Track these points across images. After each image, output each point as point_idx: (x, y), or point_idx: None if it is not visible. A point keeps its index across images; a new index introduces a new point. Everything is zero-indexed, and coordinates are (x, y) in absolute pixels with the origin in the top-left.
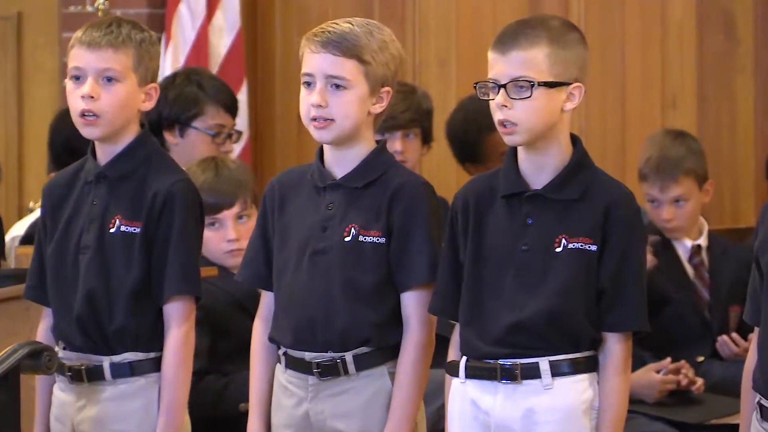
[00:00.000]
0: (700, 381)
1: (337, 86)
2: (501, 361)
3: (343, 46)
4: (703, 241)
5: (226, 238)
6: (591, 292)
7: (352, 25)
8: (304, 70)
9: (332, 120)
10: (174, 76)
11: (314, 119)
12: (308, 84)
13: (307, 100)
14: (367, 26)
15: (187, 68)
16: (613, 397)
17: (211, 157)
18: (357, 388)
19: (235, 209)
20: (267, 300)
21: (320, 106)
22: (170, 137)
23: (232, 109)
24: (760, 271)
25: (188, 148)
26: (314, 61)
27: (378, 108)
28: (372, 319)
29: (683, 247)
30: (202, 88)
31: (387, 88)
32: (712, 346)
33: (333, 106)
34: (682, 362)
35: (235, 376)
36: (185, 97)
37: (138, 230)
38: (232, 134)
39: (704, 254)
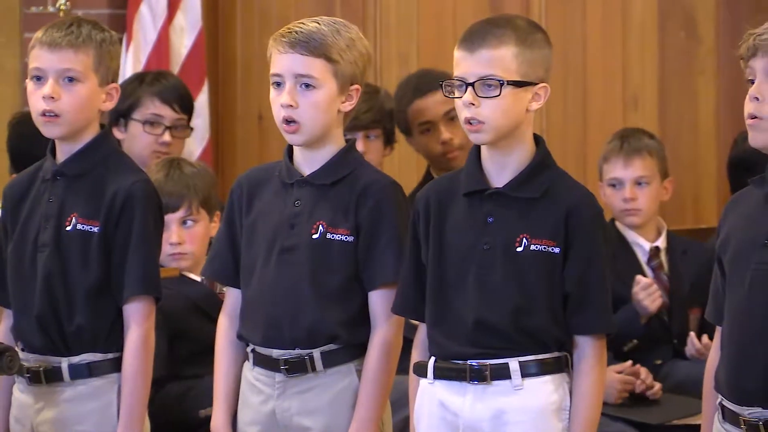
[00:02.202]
0: (657, 386)
1: (307, 86)
2: (470, 362)
3: (310, 45)
4: (661, 243)
5: (168, 241)
6: (555, 293)
7: (319, 24)
8: (272, 70)
9: (302, 122)
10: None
11: (286, 122)
12: (278, 84)
13: (278, 101)
14: (334, 25)
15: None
16: (585, 399)
17: (170, 159)
18: (324, 385)
19: (180, 213)
20: (233, 297)
21: (290, 106)
22: (117, 132)
23: (172, 101)
24: (722, 270)
25: (130, 141)
26: (283, 61)
27: (347, 106)
28: (340, 317)
29: (641, 249)
30: (143, 82)
31: (356, 86)
32: (671, 349)
33: (303, 106)
34: (637, 367)
35: (197, 383)
36: (125, 91)
37: (96, 229)
38: (173, 127)
39: (663, 256)
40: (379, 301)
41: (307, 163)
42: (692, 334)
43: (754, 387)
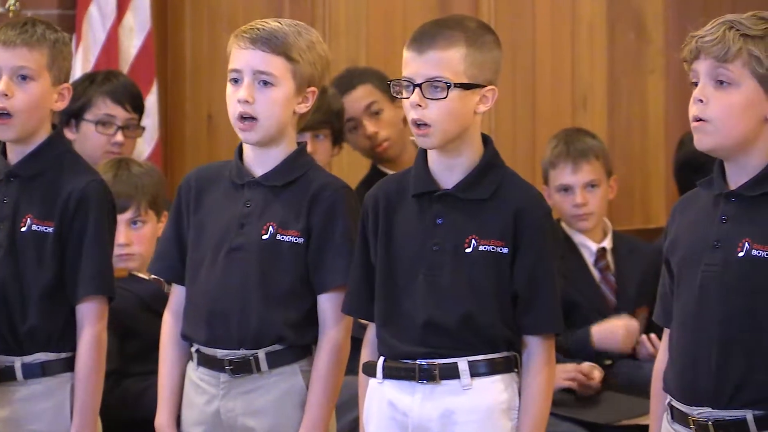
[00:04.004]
0: (595, 385)
1: (265, 83)
2: (419, 361)
3: (272, 43)
4: (607, 244)
5: (116, 242)
6: (504, 294)
7: (281, 24)
8: (231, 65)
9: (257, 119)
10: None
11: (241, 119)
12: (235, 80)
13: (234, 97)
14: (295, 26)
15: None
16: (534, 398)
17: (117, 159)
18: (268, 385)
19: (128, 214)
20: (178, 294)
21: (247, 101)
22: (68, 133)
23: (124, 100)
24: (671, 271)
25: (82, 142)
26: (242, 57)
27: (303, 108)
28: (287, 318)
29: (588, 251)
30: (93, 82)
31: (313, 89)
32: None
33: (259, 103)
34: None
35: (154, 381)
36: (76, 91)
37: (50, 230)
38: (125, 127)
39: (609, 257)
40: (329, 303)
41: (259, 163)
42: (644, 336)
43: (705, 387)
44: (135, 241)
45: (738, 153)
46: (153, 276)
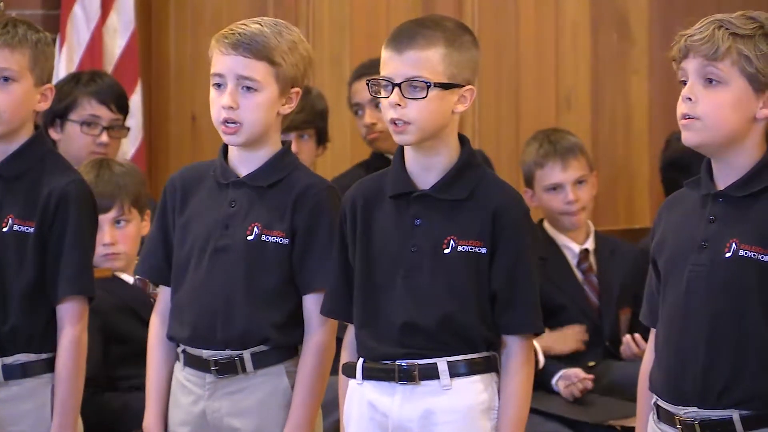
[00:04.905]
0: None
1: (248, 88)
2: (398, 362)
3: (253, 47)
4: (590, 245)
5: (101, 242)
6: (483, 294)
7: (261, 25)
8: (214, 70)
9: (243, 124)
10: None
11: (225, 122)
12: (218, 85)
13: (218, 102)
14: (275, 26)
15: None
16: (513, 399)
17: (99, 159)
18: (254, 386)
19: (112, 214)
20: (164, 295)
21: (231, 107)
22: (53, 133)
23: (109, 101)
24: (657, 271)
25: (67, 142)
26: (225, 62)
27: (287, 109)
28: (272, 319)
29: (571, 252)
30: (78, 82)
31: (296, 89)
32: (603, 350)
33: (243, 108)
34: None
35: (133, 397)
36: (61, 92)
37: (31, 230)
38: (110, 127)
39: (592, 258)
40: (314, 304)
41: (243, 164)
42: (629, 337)
43: (692, 387)
44: (120, 240)
45: (726, 151)
46: (138, 277)
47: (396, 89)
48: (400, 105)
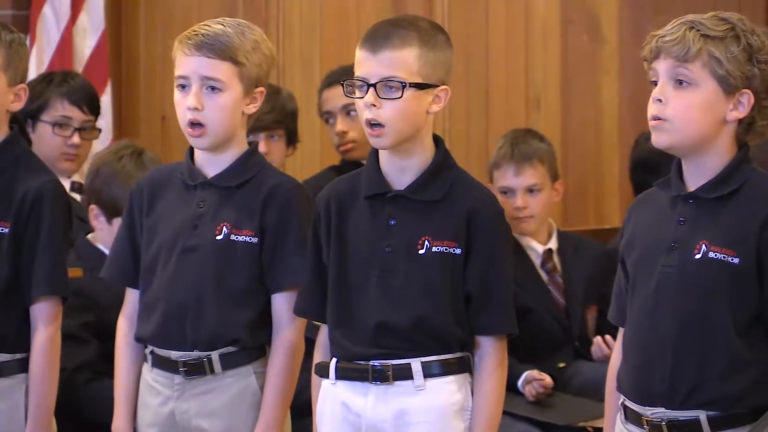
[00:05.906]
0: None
1: (213, 88)
2: (372, 362)
3: (217, 48)
4: (553, 244)
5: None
6: (457, 295)
7: (224, 26)
8: (178, 72)
9: (208, 125)
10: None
11: (191, 125)
12: (183, 87)
13: (183, 104)
14: (238, 26)
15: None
16: (486, 399)
17: (134, 148)
18: (222, 387)
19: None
20: (132, 298)
21: (196, 109)
22: None
23: (81, 102)
24: (626, 271)
25: (38, 143)
26: (189, 63)
27: (252, 108)
28: (242, 319)
29: (535, 253)
30: (51, 83)
31: (260, 89)
32: (573, 350)
33: (208, 109)
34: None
35: (107, 384)
36: (33, 92)
37: (6, 230)
38: (82, 128)
39: (555, 258)
40: (283, 303)
41: (210, 165)
42: (599, 338)
43: (660, 388)
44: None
45: (696, 153)
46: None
47: (371, 89)
48: (375, 105)
